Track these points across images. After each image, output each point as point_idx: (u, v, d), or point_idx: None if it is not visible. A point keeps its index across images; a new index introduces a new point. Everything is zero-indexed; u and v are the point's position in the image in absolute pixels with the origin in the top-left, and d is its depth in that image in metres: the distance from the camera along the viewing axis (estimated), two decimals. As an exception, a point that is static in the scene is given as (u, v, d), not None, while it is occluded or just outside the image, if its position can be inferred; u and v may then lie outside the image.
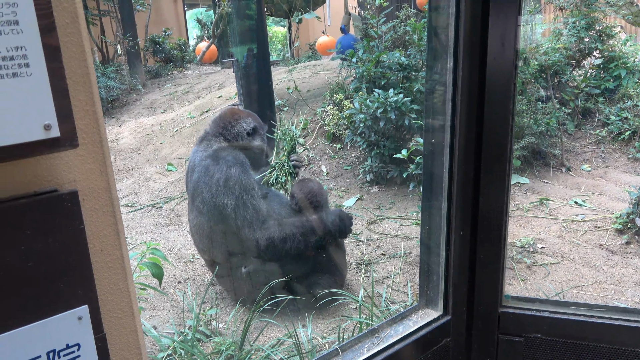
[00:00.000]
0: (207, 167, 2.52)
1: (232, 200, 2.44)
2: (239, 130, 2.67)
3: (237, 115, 2.74)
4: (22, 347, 0.67)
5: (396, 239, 3.54)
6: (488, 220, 1.52)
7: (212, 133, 2.69)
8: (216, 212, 2.48)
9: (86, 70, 0.71)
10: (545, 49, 4.99)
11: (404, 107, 4.02)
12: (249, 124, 2.70)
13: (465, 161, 1.49)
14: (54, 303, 0.69)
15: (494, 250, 1.55)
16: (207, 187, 2.48)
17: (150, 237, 3.85)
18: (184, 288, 3.03)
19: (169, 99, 8.03)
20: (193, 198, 2.61)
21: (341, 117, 4.87)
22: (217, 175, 2.47)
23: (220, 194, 2.45)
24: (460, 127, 1.47)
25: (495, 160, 1.48)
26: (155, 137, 6.24)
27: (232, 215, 2.46)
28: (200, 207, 2.54)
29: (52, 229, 0.68)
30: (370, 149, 4.41)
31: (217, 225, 2.54)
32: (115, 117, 7.55)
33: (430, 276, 1.64)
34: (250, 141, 2.68)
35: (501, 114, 1.44)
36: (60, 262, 0.69)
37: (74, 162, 0.72)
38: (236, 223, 2.46)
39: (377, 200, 4.25)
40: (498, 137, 1.46)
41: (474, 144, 1.49)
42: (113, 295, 0.79)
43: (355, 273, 3.12)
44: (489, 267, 1.56)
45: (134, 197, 4.74)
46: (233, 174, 2.47)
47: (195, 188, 2.57)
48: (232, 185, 2.45)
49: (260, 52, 4.42)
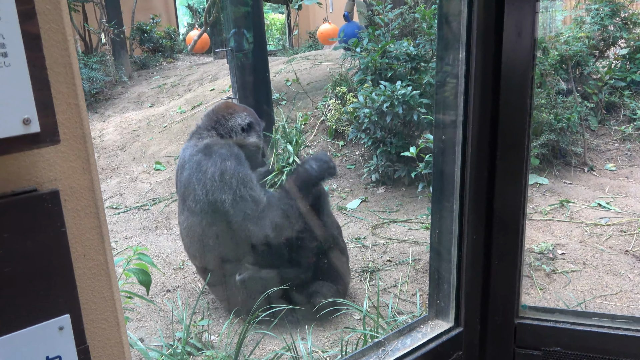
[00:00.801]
0: (199, 162, 2.53)
1: (229, 196, 2.45)
2: (233, 125, 2.68)
3: (231, 109, 2.75)
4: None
5: (404, 244, 3.54)
6: (504, 224, 1.52)
7: (204, 127, 2.70)
8: (211, 210, 2.48)
9: (68, 60, 0.71)
10: (566, 38, 4.99)
11: (413, 101, 4.02)
12: (244, 119, 2.71)
13: (479, 160, 1.49)
14: (33, 312, 0.70)
15: (510, 256, 1.55)
16: (201, 184, 2.48)
17: (137, 241, 3.85)
18: (174, 297, 3.03)
19: (157, 92, 8.04)
20: (184, 198, 2.62)
21: (344, 111, 4.87)
22: (211, 170, 2.47)
23: (216, 190, 2.45)
24: (473, 123, 1.47)
25: (511, 158, 1.48)
26: (142, 134, 6.24)
27: (231, 211, 2.46)
28: (192, 206, 2.54)
29: (31, 232, 0.68)
30: (376, 147, 4.41)
31: (212, 227, 2.54)
32: (98, 112, 7.56)
33: (440, 284, 1.64)
34: (245, 137, 2.68)
35: (518, 109, 1.45)
36: (39, 268, 0.70)
37: (55, 160, 0.73)
38: (236, 219, 2.46)
39: (383, 202, 4.25)
40: (514, 134, 1.46)
41: (488, 141, 1.49)
42: (97, 304, 0.80)
43: (359, 281, 3.12)
44: (505, 275, 1.56)
45: (119, 199, 4.75)
46: (228, 167, 2.47)
47: (186, 186, 2.57)
48: (229, 179, 2.46)
49: (256, 41, 4.43)
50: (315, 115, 5.53)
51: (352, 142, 5.03)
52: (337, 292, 2.71)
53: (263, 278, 2.56)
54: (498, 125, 1.47)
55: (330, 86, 5.61)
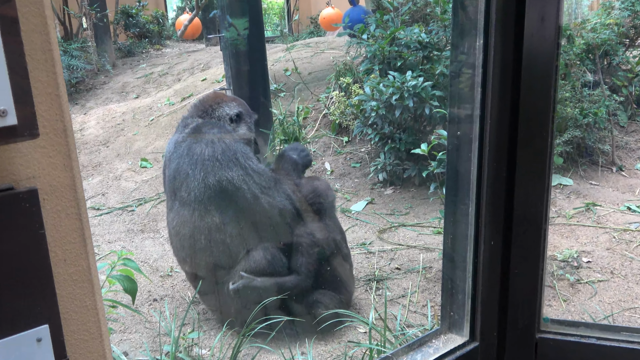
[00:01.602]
0: (189, 147, 2.53)
1: (238, 171, 2.46)
2: (221, 114, 2.71)
3: (219, 99, 2.78)
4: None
5: (414, 250, 3.54)
6: (524, 229, 1.52)
7: (190, 117, 2.74)
8: (213, 194, 2.48)
9: (49, 46, 0.71)
10: (593, 25, 4.98)
11: (424, 93, 4.02)
12: (233, 109, 2.74)
13: (497, 158, 1.49)
14: (8, 322, 0.70)
15: (531, 264, 1.55)
16: (197, 168, 2.48)
17: (121, 245, 3.85)
18: (161, 307, 3.03)
19: (143, 82, 8.04)
20: (174, 191, 2.62)
21: (349, 104, 4.87)
22: (208, 150, 2.48)
23: (219, 169, 2.45)
24: (491, 117, 1.47)
25: (532, 157, 1.48)
26: (127, 128, 6.25)
27: (244, 187, 2.47)
28: (184, 197, 2.54)
29: (6, 234, 0.68)
30: (384, 143, 4.41)
31: (207, 219, 2.53)
32: (79, 103, 7.56)
33: (454, 295, 1.64)
34: (234, 128, 2.70)
35: (540, 102, 1.45)
36: (15, 274, 0.70)
37: (34, 155, 0.73)
38: (249, 195, 2.49)
39: (391, 204, 4.25)
40: (536, 130, 1.46)
41: (507, 138, 1.49)
42: (78, 313, 0.80)
43: (364, 291, 3.12)
44: (525, 285, 1.56)
45: (102, 199, 4.75)
46: (228, 144, 2.49)
47: (175, 177, 2.57)
48: (232, 155, 2.47)
49: (253, 27, 4.42)
50: (317, 109, 5.53)
51: (358, 138, 5.03)
52: (340, 302, 2.72)
53: (259, 287, 2.57)
54: (518, 121, 1.47)
55: (333, 76, 5.60)
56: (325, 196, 2.75)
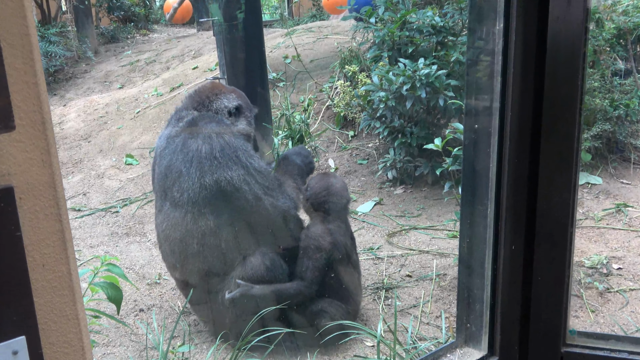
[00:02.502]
0: (184, 143, 2.54)
1: (238, 171, 2.47)
2: (219, 107, 2.71)
3: (217, 90, 2.78)
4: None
5: (426, 255, 3.54)
6: (548, 232, 1.52)
7: (184, 109, 2.74)
8: (209, 196, 2.49)
9: (26, 30, 0.71)
10: (624, 8, 4.96)
11: (438, 82, 4.02)
12: (232, 101, 2.74)
13: (519, 154, 1.49)
14: (-19, 333, 0.70)
15: (556, 271, 1.55)
16: (193, 166, 2.48)
17: (104, 250, 3.86)
18: (148, 318, 3.04)
19: (128, 70, 8.05)
20: (164, 191, 2.62)
21: (355, 95, 4.87)
22: (205, 147, 2.48)
23: (217, 168, 2.46)
24: (512, 109, 1.47)
25: (558, 152, 1.48)
26: (111, 121, 6.26)
27: (245, 187, 2.49)
28: (176, 198, 2.54)
29: (-20, 237, 0.69)
30: (393, 138, 4.40)
31: (201, 222, 2.53)
32: (58, 94, 7.58)
33: (471, 304, 1.64)
34: (233, 123, 2.70)
35: (566, 93, 1.44)
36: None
37: (9, 150, 0.73)
38: (251, 197, 2.50)
39: (401, 205, 4.25)
40: (562, 123, 1.46)
41: (530, 132, 1.49)
42: (58, 324, 0.80)
43: (372, 300, 3.12)
44: (550, 293, 1.56)
45: (83, 199, 4.76)
46: (228, 140, 2.50)
47: (167, 175, 2.58)
48: (232, 153, 2.48)
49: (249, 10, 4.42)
50: (320, 100, 5.53)
51: (365, 132, 5.02)
52: (347, 312, 2.72)
53: (257, 295, 2.57)
54: (542, 113, 1.47)
55: (338, 64, 5.59)
56: (339, 196, 2.76)
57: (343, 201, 2.79)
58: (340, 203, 2.76)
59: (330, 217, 2.71)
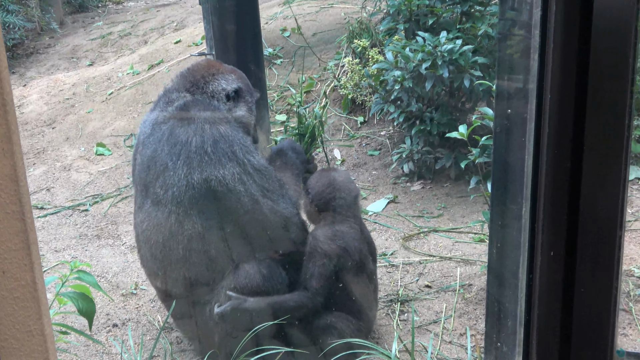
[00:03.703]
0: (171, 131, 2.54)
1: (233, 168, 2.49)
2: (216, 90, 2.72)
3: (214, 69, 2.79)
4: None
5: (449, 263, 3.54)
6: (593, 236, 1.52)
7: (175, 90, 2.74)
8: (197, 196, 2.49)
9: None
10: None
11: (463, 59, 4.01)
12: (232, 83, 2.75)
13: (559, 144, 1.48)
14: None
15: (601, 281, 1.54)
16: (180, 160, 2.49)
17: (71, 255, 3.87)
18: (123, 334, 3.04)
19: (99, 44, 8.05)
20: (145, 186, 2.62)
21: (365, 74, 4.86)
22: (195, 139, 2.49)
23: (208, 164, 2.47)
24: (551, 91, 1.46)
25: (605, 143, 1.47)
26: (79, 104, 6.27)
27: (240, 188, 2.50)
28: (159, 195, 2.54)
29: None
30: (410, 125, 4.40)
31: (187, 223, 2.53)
32: (17, 72, 7.58)
33: (502, 320, 1.64)
34: (231, 109, 2.70)
35: (615, 72, 1.43)
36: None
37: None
38: (247, 199, 2.51)
39: (419, 203, 4.25)
40: (610, 108, 1.45)
41: (572, 118, 1.48)
42: (20, 340, 0.79)
43: (385, 314, 3.13)
44: (594, 307, 1.55)
45: (46, 195, 4.77)
46: (223, 132, 2.51)
47: (150, 167, 2.58)
48: (227, 147, 2.49)
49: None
50: (324, 80, 5.52)
51: (376, 118, 5.02)
52: (356, 329, 2.72)
53: (252, 309, 2.56)
54: (587, 96, 1.46)
55: (345, 38, 5.58)
56: (347, 189, 2.77)
57: (351, 195, 2.79)
58: (350, 197, 2.77)
59: (341, 217, 2.71)
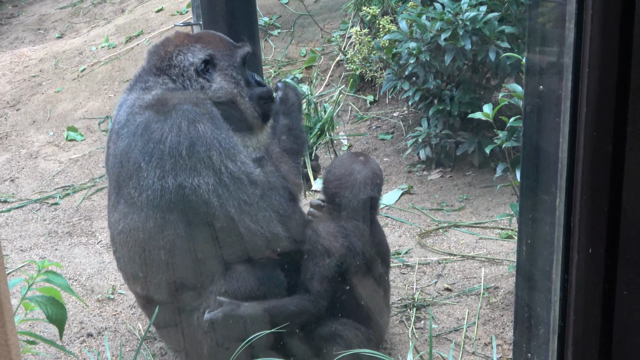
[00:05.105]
0: (147, 124, 2.55)
1: (208, 178, 2.49)
2: (182, 67, 2.72)
3: (178, 41, 2.79)
4: None
5: (471, 262, 3.54)
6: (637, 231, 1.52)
7: (149, 71, 2.75)
8: (171, 202, 2.52)
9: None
10: None
11: (488, 29, 4.01)
12: (197, 54, 2.75)
13: (599, 126, 1.49)
14: None
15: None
16: (152, 160, 2.50)
17: (39, 254, 3.86)
18: (99, 345, 3.05)
19: (69, 14, 8.02)
20: (118, 183, 2.63)
21: (375, 47, 4.86)
22: (170, 138, 2.50)
23: (182, 170, 2.48)
24: (590, 66, 1.46)
25: (651, 124, 1.48)
26: (47, 82, 6.25)
27: (213, 201, 2.50)
28: (133, 196, 2.56)
29: None
30: (428, 104, 4.40)
31: (167, 229, 2.55)
32: (-25, 46, 7.58)
33: (533, 328, 1.65)
34: (204, 86, 2.71)
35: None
36: None
37: None
38: (222, 213, 2.52)
39: (437, 195, 4.25)
40: (657, 84, 1.45)
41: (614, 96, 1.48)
42: (-14, 352, 0.80)
43: (398, 321, 3.13)
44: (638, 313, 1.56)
45: (10, 186, 4.76)
46: (202, 132, 2.50)
47: (123, 164, 2.59)
48: (203, 152, 2.49)
49: None
50: (329, 53, 5.51)
51: (388, 97, 5.01)
52: (366, 338, 2.73)
53: (246, 316, 2.58)
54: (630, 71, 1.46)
55: (352, 5, 5.57)
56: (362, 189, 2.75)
57: (367, 195, 2.76)
58: (363, 197, 2.75)
59: (349, 213, 2.71)
